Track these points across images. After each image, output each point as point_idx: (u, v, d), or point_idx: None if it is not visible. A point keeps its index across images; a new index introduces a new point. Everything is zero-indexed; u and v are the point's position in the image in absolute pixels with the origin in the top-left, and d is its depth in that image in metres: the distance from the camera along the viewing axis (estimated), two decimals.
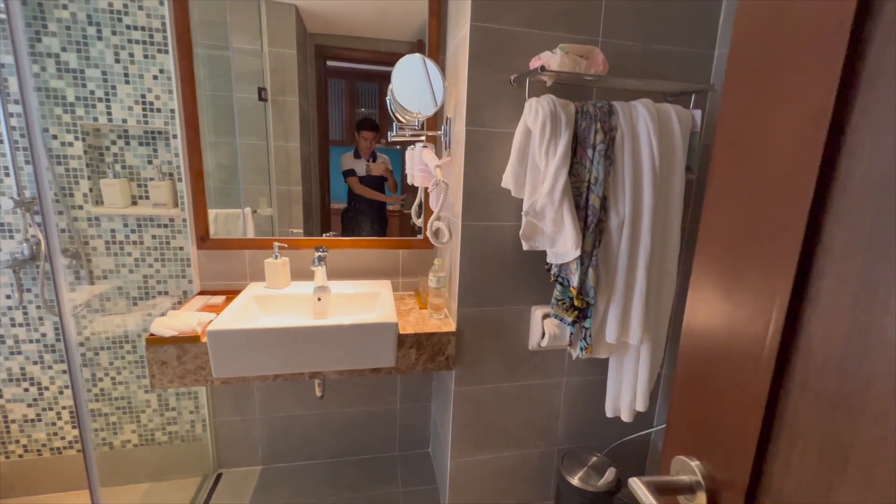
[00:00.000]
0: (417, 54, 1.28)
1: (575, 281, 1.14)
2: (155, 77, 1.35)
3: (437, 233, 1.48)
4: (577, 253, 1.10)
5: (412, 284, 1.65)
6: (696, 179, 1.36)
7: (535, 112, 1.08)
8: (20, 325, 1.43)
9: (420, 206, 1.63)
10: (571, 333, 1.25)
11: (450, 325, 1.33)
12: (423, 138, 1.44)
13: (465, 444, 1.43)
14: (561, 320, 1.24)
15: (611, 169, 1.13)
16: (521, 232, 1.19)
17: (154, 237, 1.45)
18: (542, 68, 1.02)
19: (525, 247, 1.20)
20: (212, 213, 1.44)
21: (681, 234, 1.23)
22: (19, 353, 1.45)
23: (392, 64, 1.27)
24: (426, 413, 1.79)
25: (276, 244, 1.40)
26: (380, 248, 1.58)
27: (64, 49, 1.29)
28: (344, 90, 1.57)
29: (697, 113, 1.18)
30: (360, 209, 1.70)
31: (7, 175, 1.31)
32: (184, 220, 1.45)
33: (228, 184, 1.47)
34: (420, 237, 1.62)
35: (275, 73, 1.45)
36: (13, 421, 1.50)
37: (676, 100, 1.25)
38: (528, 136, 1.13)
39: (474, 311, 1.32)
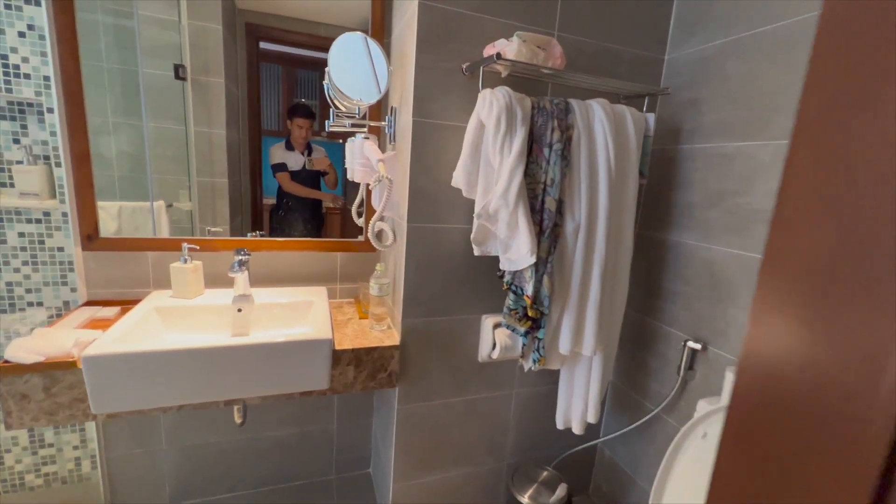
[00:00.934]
0: (358, 33, 1.13)
1: (529, 290, 1.06)
2: (21, 34, 1.07)
3: (379, 235, 1.34)
4: (533, 259, 1.02)
5: (352, 291, 1.49)
6: (646, 185, 1.34)
7: (490, 104, 0.98)
8: None
9: (362, 204, 1.48)
10: (524, 345, 1.17)
11: (393, 338, 1.20)
12: (366, 129, 1.30)
13: (410, 465, 1.30)
14: (513, 330, 1.16)
15: (567, 170, 1.06)
16: (472, 236, 1.08)
17: (22, 234, 1.17)
18: (498, 56, 0.92)
19: (476, 252, 1.10)
20: (114, 205, 1.19)
21: (633, 241, 1.20)
22: None
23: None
24: (366, 430, 1.64)
25: (185, 245, 1.18)
26: (314, 250, 1.41)
27: None
28: (281, 76, 1.40)
29: (651, 116, 1.15)
30: (292, 206, 1.51)
31: None
32: (64, 215, 1.18)
33: (135, 172, 1.22)
34: (361, 239, 1.47)
35: (195, 49, 1.23)
36: None
37: (629, 102, 1.22)
38: (481, 130, 1.03)
39: (420, 321, 1.20)
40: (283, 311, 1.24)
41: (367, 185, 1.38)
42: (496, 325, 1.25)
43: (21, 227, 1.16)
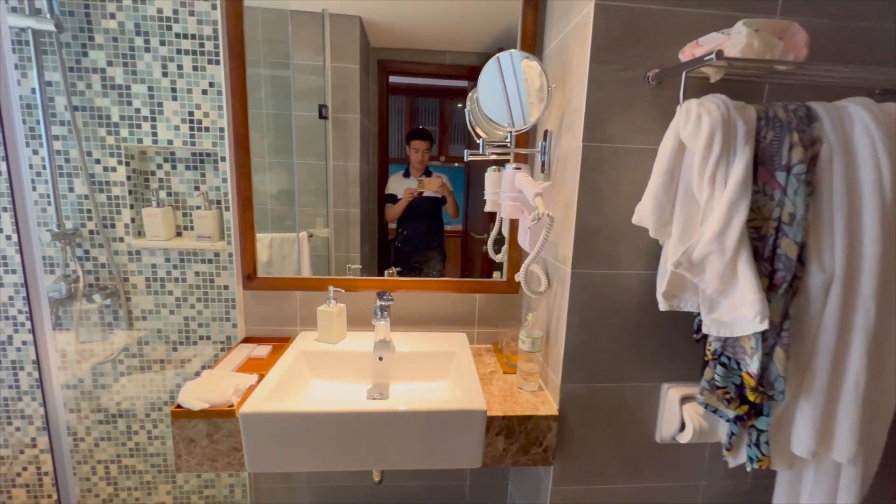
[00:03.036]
0: (516, 51, 0.99)
1: (753, 366, 0.77)
2: (204, 91, 1.17)
3: (530, 279, 1.17)
4: (762, 326, 0.73)
5: (490, 336, 1.34)
6: None
7: (696, 120, 0.74)
8: (60, 369, 1.29)
9: (499, 239, 1.33)
10: (732, 434, 0.87)
11: (549, 405, 1.00)
12: (511, 157, 1.15)
13: None
14: (714, 412, 0.87)
15: (812, 202, 0.76)
16: (661, 289, 0.84)
17: (197, 274, 1.26)
18: (719, 54, 0.69)
19: (663, 307, 0.85)
20: (266, 236, 1.26)
21: None
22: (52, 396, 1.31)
23: (458, 77, 1.03)
24: (501, 492, 1.45)
25: (330, 288, 1.15)
26: (452, 290, 1.29)
27: (110, 63, 1.14)
28: (404, 107, 1.39)
29: None
30: (408, 236, 1.42)
31: (49, 204, 1.18)
32: (229, 255, 1.25)
33: (284, 206, 1.29)
34: (500, 279, 1.31)
35: (336, 89, 1.27)
36: (45, 473, 1.36)
37: (885, 98, 0.85)
38: (678, 154, 0.79)
39: (583, 387, 0.98)
40: (424, 362, 1.13)
41: (510, 219, 1.23)
42: (685, 399, 0.97)
43: (197, 267, 1.26)
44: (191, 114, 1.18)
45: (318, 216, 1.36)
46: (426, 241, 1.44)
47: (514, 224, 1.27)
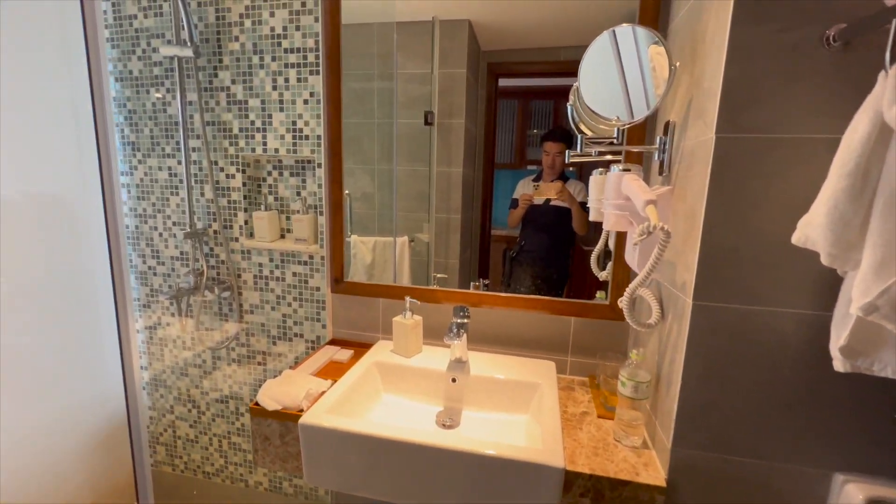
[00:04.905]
0: (626, 25, 0.81)
1: None
2: (305, 101, 1.23)
3: (638, 306, 0.96)
4: None
5: (586, 367, 1.14)
6: None
7: None
8: (187, 348, 1.49)
9: (604, 253, 1.13)
10: None
11: (654, 472, 0.78)
12: (622, 157, 0.95)
13: None
14: None
15: None
16: (839, 341, 0.58)
17: (294, 275, 1.33)
18: None
19: (842, 366, 0.59)
20: (370, 239, 1.30)
21: None
22: (185, 375, 1.51)
23: (573, 73, 0.86)
24: None
25: (407, 299, 1.10)
26: (543, 311, 1.14)
27: (234, 81, 1.27)
28: (515, 110, 1.31)
29: None
30: (526, 248, 1.28)
31: (184, 212, 1.36)
32: (321, 258, 1.29)
33: (388, 210, 1.32)
34: (603, 301, 1.11)
35: (443, 95, 1.28)
36: (179, 437, 1.58)
37: None
38: (879, 144, 0.53)
39: (704, 457, 0.75)
40: (503, 391, 1.00)
41: (619, 232, 1.03)
42: (874, 503, 0.66)
43: (294, 269, 1.33)
44: (294, 123, 1.25)
45: (423, 222, 1.36)
46: (545, 256, 1.29)
47: (621, 237, 1.06)
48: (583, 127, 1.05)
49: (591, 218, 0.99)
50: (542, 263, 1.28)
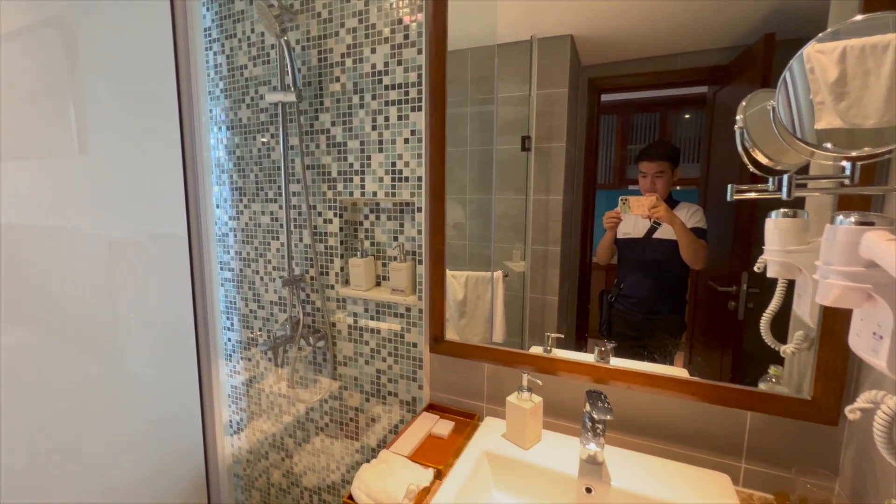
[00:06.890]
0: None
1: None
2: (406, 140, 1.12)
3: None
4: None
5: (770, 480, 0.83)
6: None
7: None
8: (283, 396, 1.45)
9: (785, 314, 0.84)
10: None
11: None
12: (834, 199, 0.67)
13: None
14: None
15: None
16: None
17: (390, 329, 1.21)
18: None
19: None
20: (462, 274, 1.17)
21: None
22: (280, 422, 1.47)
23: (692, 83, 0.85)
24: None
25: (524, 375, 0.90)
26: (695, 397, 0.86)
27: (333, 123, 1.22)
28: (615, 126, 1.16)
29: None
30: (626, 292, 1.03)
31: (283, 258, 1.33)
32: (419, 311, 1.15)
33: (482, 242, 1.18)
34: (793, 394, 0.80)
35: (541, 118, 1.14)
36: (272, 485, 1.54)
37: None
38: None
39: None
40: None
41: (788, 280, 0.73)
42: None
43: (389, 320, 1.21)
44: (393, 164, 1.14)
45: (516, 255, 1.20)
46: (651, 301, 1.04)
47: (833, 309, 0.76)
48: (758, 155, 0.79)
49: (773, 274, 0.72)
50: (648, 311, 1.01)
